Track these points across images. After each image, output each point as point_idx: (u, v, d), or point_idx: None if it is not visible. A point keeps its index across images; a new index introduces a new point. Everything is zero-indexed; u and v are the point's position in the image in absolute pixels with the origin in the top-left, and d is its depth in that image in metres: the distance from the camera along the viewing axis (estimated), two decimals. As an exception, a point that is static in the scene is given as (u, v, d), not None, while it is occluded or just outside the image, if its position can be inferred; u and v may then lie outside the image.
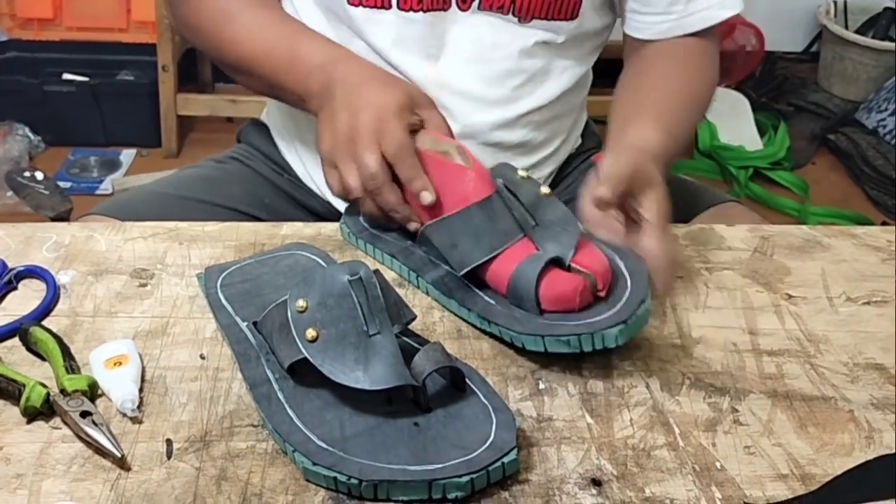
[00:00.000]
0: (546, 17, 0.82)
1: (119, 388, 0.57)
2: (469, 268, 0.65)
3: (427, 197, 0.67)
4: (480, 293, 0.65)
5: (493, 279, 0.65)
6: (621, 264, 0.64)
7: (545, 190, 0.67)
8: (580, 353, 0.60)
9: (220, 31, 0.82)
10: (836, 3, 2.57)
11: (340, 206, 0.92)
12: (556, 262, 0.63)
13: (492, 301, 0.64)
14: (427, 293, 0.68)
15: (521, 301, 0.62)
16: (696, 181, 0.98)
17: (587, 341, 0.59)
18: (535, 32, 0.83)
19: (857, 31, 2.52)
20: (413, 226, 0.70)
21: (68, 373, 0.58)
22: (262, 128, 0.99)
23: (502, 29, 0.82)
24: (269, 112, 0.98)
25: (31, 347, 0.61)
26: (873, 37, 2.50)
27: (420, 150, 0.69)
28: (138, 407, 0.56)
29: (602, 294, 0.62)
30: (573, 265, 0.63)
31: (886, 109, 2.33)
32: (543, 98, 0.86)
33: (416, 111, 0.72)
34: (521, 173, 0.68)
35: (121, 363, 0.59)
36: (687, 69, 0.85)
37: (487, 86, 0.69)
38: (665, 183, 0.68)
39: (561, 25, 0.83)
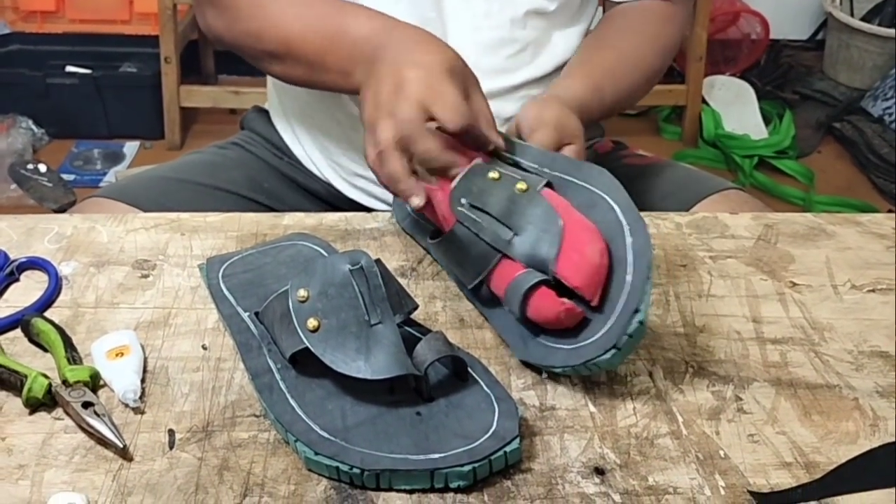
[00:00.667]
0: None
1: (121, 378, 0.57)
2: (469, 288, 0.65)
3: (416, 201, 0.63)
4: (500, 302, 0.63)
5: (496, 293, 0.63)
6: (629, 240, 0.58)
7: (521, 186, 0.62)
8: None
9: (261, 13, 0.78)
10: (841, -9, 2.56)
11: (341, 187, 0.92)
12: (543, 280, 0.59)
13: (507, 309, 0.62)
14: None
15: (520, 321, 0.61)
16: (696, 168, 0.98)
17: (582, 370, 0.57)
18: (527, 1, 0.83)
19: (863, 19, 2.51)
20: (416, 201, 0.64)
21: (70, 364, 0.58)
22: (263, 114, 1.00)
23: None
24: (270, 97, 0.98)
25: (33, 338, 0.61)
26: (879, 24, 2.48)
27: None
28: (140, 397, 0.56)
29: (594, 304, 0.58)
30: (559, 278, 0.59)
31: (892, 97, 2.32)
32: (539, 70, 0.86)
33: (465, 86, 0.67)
34: (492, 174, 0.63)
35: (122, 354, 0.58)
36: (641, 33, 0.86)
37: (480, 54, 0.69)
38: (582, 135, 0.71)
39: None
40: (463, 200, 0.63)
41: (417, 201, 0.64)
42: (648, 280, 0.56)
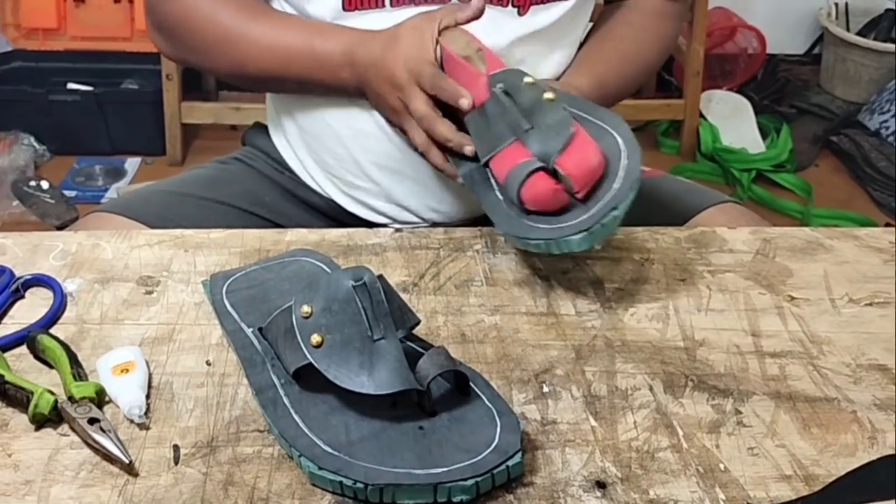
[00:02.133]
0: (544, 1, 0.84)
1: (126, 394, 0.57)
2: (480, 164, 0.72)
3: (464, 103, 0.72)
4: (495, 188, 0.72)
5: (497, 177, 0.71)
6: (624, 161, 0.66)
7: (549, 95, 0.69)
8: (582, 355, 0.61)
9: (231, 52, 0.83)
10: (837, 5, 2.57)
11: (341, 201, 0.93)
12: (543, 167, 0.67)
13: (501, 197, 0.71)
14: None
15: (511, 201, 0.69)
16: (693, 182, 0.99)
17: (553, 246, 0.65)
18: (533, 22, 0.84)
19: (859, 33, 2.52)
20: (468, 149, 0.73)
21: (76, 380, 0.58)
22: (264, 129, 1.00)
23: (500, 20, 0.83)
24: (269, 113, 0.99)
25: (39, 355, 0.62)
26: (875, 38, 2.50)
27: (446, 50, 0.75)
28: (146, 413, 0.57)
29: (579, 196, 0.66)
30: (557, 167, 0.67)
31: (889, 111, 2.33)
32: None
33: (438, 28, 0.75)
34: (528, 79, 0.72)
35: (128, 370, 0.59)
36: (641, 29, 0.91)
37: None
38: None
39: (558, 4, 0.86)
40: (499, 86, 0.72)
41: (469, 149, 0.73)
42: (632, 190, 0.64)
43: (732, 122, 2.39)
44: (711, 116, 2.39)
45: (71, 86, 2.28)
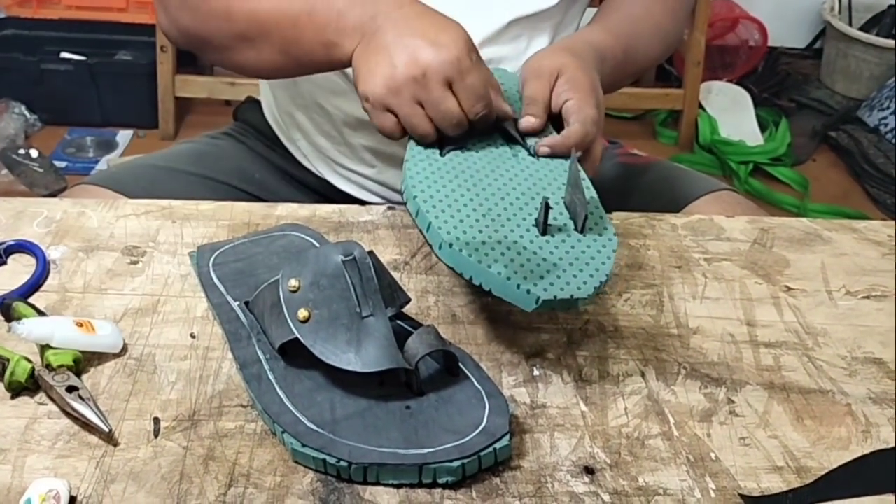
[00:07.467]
0: None
1: None
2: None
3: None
4: None
5: None
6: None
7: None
8: (574, 339, 0.60)
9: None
10: (840, 0, 2.56)
11: (333, 180, 0.91)
12: None
13: None
14: None
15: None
16: (690, 169, 0.98)
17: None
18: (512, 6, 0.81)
19: (861, 29, 2.51)
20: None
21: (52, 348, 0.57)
22: (256, 105, 0.99)
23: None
24: (262, 90, 0.98)
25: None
26: (877, 34, 2.48)
27: None
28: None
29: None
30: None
31: (888, 107, 2.32)
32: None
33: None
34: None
35: None
36: (654, 3, 0.86)
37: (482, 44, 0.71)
38: (593, 80, 0.72)
39: None
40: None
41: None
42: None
43: (731, 113, 2.38)
44: (710, 108, 2.38)
45: (64, 55, 2.25)
